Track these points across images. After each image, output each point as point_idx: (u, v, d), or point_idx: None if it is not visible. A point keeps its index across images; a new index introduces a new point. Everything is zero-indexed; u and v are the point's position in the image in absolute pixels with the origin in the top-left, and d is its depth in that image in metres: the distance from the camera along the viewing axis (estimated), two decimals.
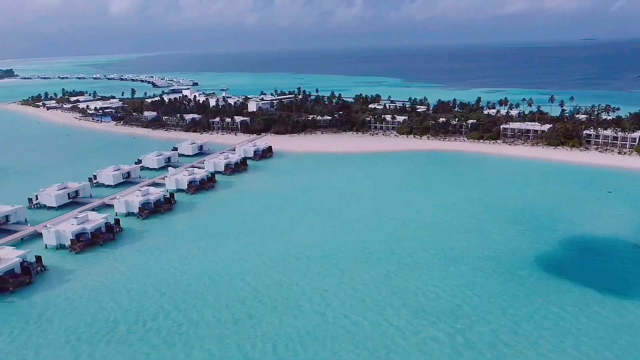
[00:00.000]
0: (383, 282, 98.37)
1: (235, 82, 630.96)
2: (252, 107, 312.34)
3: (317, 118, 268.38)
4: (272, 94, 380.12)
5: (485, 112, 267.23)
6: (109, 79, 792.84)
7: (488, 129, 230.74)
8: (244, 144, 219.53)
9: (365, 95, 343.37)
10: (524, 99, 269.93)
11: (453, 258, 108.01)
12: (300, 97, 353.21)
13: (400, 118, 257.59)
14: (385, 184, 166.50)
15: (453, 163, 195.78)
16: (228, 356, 76.53)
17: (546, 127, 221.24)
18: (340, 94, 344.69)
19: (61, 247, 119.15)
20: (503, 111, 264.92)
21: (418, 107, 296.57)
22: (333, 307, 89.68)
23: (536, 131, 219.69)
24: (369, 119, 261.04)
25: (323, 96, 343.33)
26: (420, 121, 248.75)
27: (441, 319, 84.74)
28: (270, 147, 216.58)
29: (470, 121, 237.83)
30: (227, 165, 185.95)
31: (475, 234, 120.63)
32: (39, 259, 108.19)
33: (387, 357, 75.29)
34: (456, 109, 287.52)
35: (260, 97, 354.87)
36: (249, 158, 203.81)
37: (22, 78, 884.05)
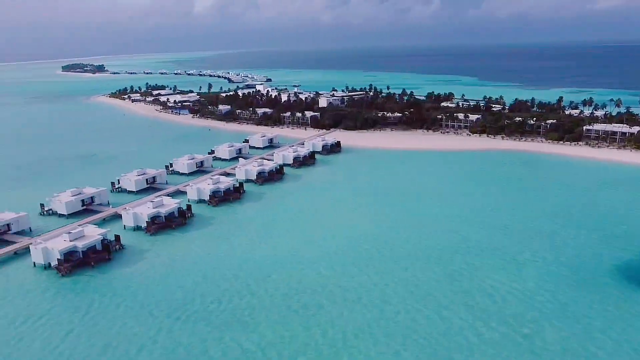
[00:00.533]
0: (446, 281, 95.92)
1: (308, 79, 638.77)
2: (322, 102, 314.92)
3: (387, 115, 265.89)
4: (343, 91, 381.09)
5: (567, 112, 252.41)
6: (188, 74, 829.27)
7: (569, 129, 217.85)
8: (313, 139, 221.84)
9: (438, 93, 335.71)
10: (611, 100, 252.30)
11: (523, 261, 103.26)
12: (371, 94, 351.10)
13: (473, 116, 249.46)
14: (454, 183, 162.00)
15: (529, 164, 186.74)
16: (284, 342, 77.87)
17: (635, 129, 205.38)
18: (411, 92, 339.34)
19: (138, 228, 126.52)
20: (587, 112, 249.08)
21: (493, 105, 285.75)
22: (392, 303, 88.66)
23: (624, 133, 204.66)
24: (440, 116, 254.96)
25: (394, 93, 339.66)
26: (495, 120, 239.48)
27: (505, 322, 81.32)
28: (338, 142, 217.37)
29: (549, 121, 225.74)
30: (295, 158, 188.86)
31: (550, 238, 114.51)
32: (117, 238, 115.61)
33: (445, 357, 73.43)
34: (534, 108, 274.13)
35: (331, 93, 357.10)
36: (318, 152, 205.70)
37: (112, 73, 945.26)
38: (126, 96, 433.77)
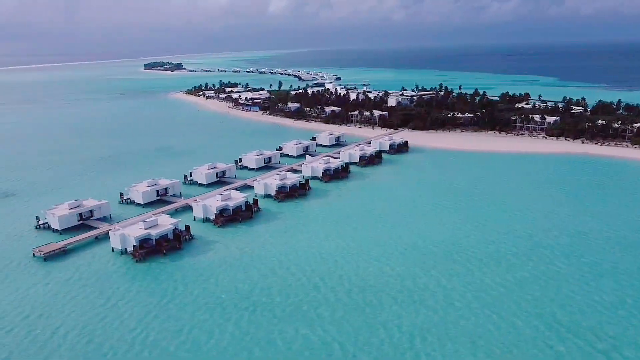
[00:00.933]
0: (515, 287, 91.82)
1: (378, 78, 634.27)
2: (391, 102, 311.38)
3: (458, 115, 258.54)
4: (412, 90, 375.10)
5: None
6: (260, 72, 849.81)
7: None
8: (380, 138, 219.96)
9: (513, 94, 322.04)
10: None
11: (601, 272, 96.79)
12: (441, 93, 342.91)
13: (550, 119, 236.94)
14: (527, 186, 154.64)
15: (612, 171, 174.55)
16: (348, 339, 77.70)
17: None
18: (484, 92, 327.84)
19: (206, 219, 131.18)
20: None
21: (573, 107, 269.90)
22: (458, 307, 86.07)
23: None
24: (514, 118, 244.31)
25: (465, 93, 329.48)
26: (575, 123, 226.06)
27: (579, 335, 76.52)
28: (406, 142, 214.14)
29: (636, 125, 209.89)
30: (361, 157, 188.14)
31: (633, 251, 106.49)
32: (188, 228, 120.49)
33: None
34: (620, 110, 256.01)
35: (401, 93, 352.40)
36: (384, 151, 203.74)
37: (189, 71, 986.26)
38: (201, 93, 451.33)
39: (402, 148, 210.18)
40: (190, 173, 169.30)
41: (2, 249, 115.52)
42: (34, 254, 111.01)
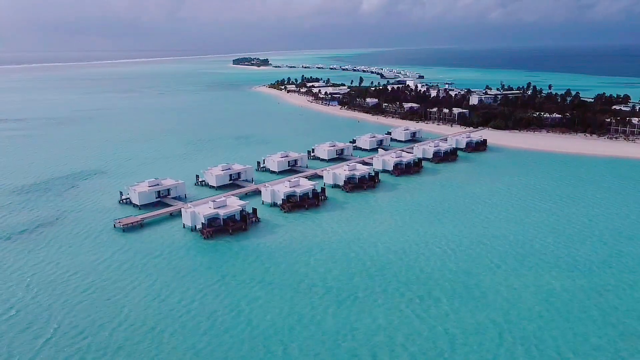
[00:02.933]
0: (588, 294, 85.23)
1: (464, 77, 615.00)
2: (473, 100, 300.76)
3: (544, 115, 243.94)
4: (497, 89, 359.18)
5: None
6: (343, 69, 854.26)
7: None
8: (457, 135, 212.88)
9: (610, 95, 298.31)
10: None
11: None
12: (528, 93, 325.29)
13: None
14: (614, 192, 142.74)
15: None
16: (395, 328, 76.25)
17: None
18: (577, 93, 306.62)
19: (274, 205, 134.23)
20: None
21: None
22: (518, 308, 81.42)
23: None
24: (609, 120, 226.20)
25: (556, 93, 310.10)
26: None
27: None
28: (484, 141, 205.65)
29: None
30: (435, 153, 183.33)
31: None
32: (254, 211, 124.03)
33: None
34: None
35: (484, 91, 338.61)
36: (460, 149, 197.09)
37: (274, 67, 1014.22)
38: (282, 87, 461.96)
39: (479, 146, 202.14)
40: (264, 160, 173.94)
41: (88, 220, 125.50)
42: (114, 226, 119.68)
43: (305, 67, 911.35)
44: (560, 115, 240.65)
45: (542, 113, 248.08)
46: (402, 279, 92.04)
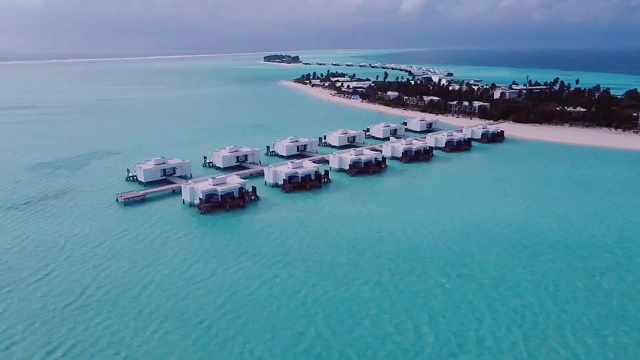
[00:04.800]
0: (581, 276, 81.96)
1: (494, 75, 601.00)
2: (497, 94, 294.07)
3: (567, 109, 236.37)
4: (524, 85, 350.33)
5: None
6: (372, 67, 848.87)
7: None
8: (474, 126, 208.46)
9: None
10: None
11: None
12: (555, 88, 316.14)
13: None
14: (630, 184, 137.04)
15: None
16: (373, 300, 75.01)
17: None
18: (607, 88, 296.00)
19: (276, 185, 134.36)
20: None
21: None
22: (506, 285, 78.95)
23: None
24: (635, 114, 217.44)
25: (584, 89, 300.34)
26: None
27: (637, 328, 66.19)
28: (501, 132, 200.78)
29: None
30: (448, 142, 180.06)
31: None
32: (254, 189, 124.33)
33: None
34: None
35: (509, 86, 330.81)
36: (476, 140, 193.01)
37: (304, 64, 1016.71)
38: (307, 81, 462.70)
39: (496, 137, 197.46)
40: (273, 144, 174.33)
41: (95, 195, 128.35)
42: (117, 199, 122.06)
43: (334, 65, 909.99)
44: (584, 110, 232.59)
45: (566, 107, 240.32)
46: (390, 256, 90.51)
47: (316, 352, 62.77)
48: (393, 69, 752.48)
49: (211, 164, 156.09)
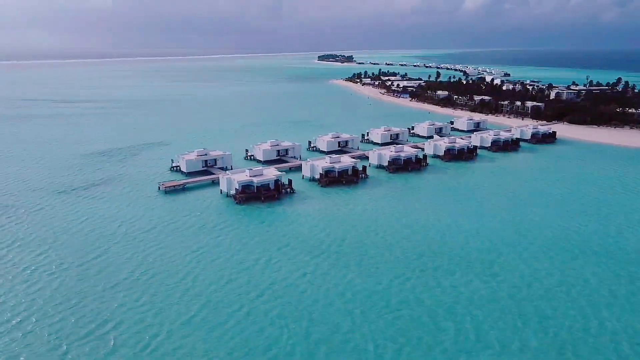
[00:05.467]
0: (621, 281, 77.49)
1: (555, 76, 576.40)
2: (553, 95, 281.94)
3: (629, 111, 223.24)
4: (584, 85, 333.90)
5: None
6: (426, 67, 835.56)
7: None
8: (524, 127, 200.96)
9: None
10: None
11: None
12: (618, 88, 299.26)
13: None
14: None
15: None
16: (389, 290, 74.11)
17: None
18: None
19: (313, 179, 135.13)
20: None
21: None
22: (533, 287, 75.87)
23: None
24: None
25: None
26: None
27: None
28: (553, 133, 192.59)
29: None
30: (494, 142, 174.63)
31: None
32: (290, 182, 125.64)
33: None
34: None
35: (567, 86, 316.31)
36: (524, 140, 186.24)
37: (358, 63, 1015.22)
38: (358, 80, 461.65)
39: (547, 138, 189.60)
40: (315, 139, 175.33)
41: (140, 183, 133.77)
42: (159, 188, 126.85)
43: (388, 64, 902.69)
44: None
45: (628, 108, 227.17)
46: (415, 251, 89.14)
47: (354, 343, 62.18)
48: (448, 69, 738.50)
49: (252, 156, 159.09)
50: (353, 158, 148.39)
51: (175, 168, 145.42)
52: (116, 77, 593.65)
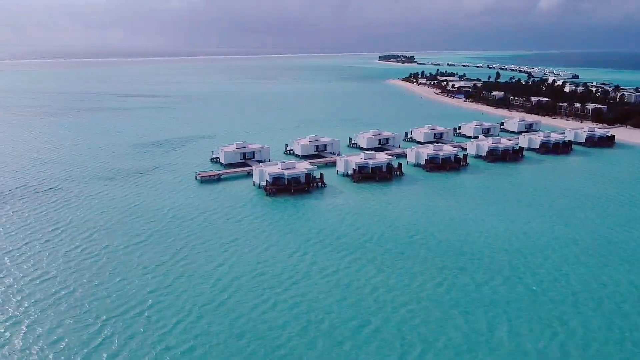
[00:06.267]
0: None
1: (631, 79, 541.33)
2: (619, 97, 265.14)
3: None
4: None
5: None
6: (490, 68, 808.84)
7: None
8: (580, 129, 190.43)
9: None
10: None
11: None
12: None
13: None
14: None
15: None
16: (399, 286, 73.02)
17: None
18: None
19: (347, 174, 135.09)
20: None
21: None
22: (555, 288, 72.31)
23: None
24: None
25: None
26: None
27: None
28: (612, 136, 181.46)
29: None
30: (543, 144, 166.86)
31: None
32: (321, 176, 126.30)
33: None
34: None
35: (635, 89, 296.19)
36: (578, 143, 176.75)
37: (419, 63, 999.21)
38: (414, 80, 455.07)
39: (604, 142, 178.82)
40: (356, 136, 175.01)
41: (182, 173, 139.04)
42: (196, 177, 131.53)
43: (450, 65, 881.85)
44: None
45: None
46: (440, 250, 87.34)
47: (381, 338, 61.86)
48: (512, 70, 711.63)
49: (291, 151, 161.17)
50: (391, 155, 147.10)
51: (215, 159, 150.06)
52: (180, 74, 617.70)
